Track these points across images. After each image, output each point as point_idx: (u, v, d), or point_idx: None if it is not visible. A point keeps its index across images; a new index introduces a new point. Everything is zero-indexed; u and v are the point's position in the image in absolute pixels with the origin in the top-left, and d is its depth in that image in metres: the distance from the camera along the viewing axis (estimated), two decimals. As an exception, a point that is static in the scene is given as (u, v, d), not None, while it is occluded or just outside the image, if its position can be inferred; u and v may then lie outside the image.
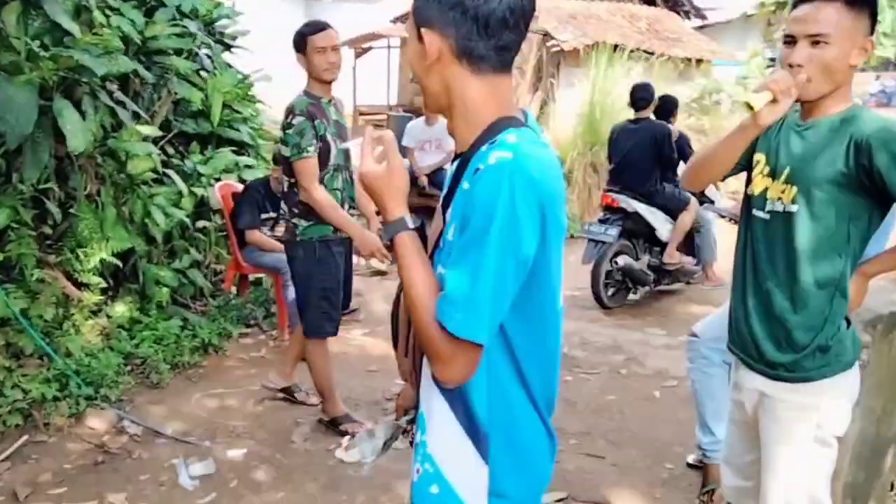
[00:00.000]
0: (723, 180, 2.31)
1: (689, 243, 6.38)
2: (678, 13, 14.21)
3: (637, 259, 6.11)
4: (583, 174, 8.98)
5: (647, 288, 6.33)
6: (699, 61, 12.30)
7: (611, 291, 6.13)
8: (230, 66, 6.19)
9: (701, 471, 3.32)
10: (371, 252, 3.42)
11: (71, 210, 4.17)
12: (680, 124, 10.58)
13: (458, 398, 1.28)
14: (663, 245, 6.19)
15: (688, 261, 6.36)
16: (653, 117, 6.16)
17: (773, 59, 14.64)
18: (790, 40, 1.90)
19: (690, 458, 3.45)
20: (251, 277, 5.40)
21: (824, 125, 1.91)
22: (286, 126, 3.35)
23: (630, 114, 6.31)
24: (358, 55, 14.25)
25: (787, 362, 1.98)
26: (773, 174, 1.99)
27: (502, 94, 1.28)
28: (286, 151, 3.36)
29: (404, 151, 7.85)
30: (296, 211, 3.43)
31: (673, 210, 6.13)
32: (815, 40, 1.83)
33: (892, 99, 31.15)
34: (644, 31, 12.56)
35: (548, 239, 1.21)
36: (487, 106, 1.27)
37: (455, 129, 1.33)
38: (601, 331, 5.33)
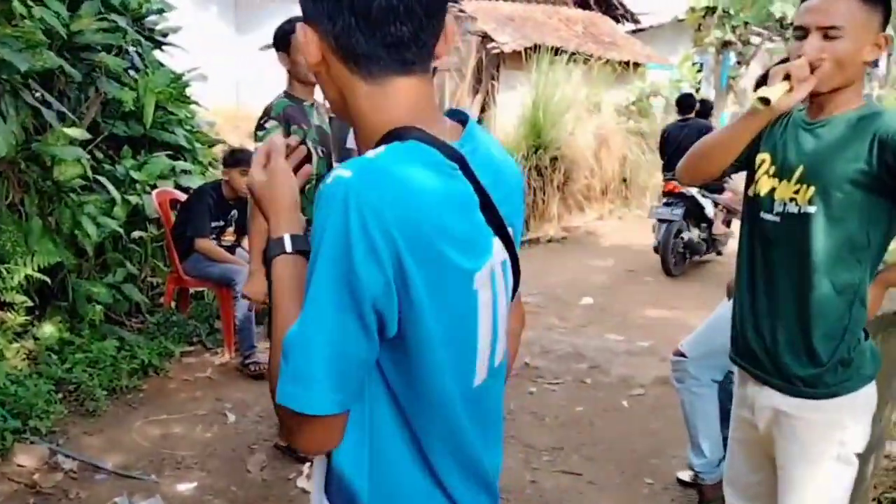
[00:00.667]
0: (720, 179, 2.17)
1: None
2: (612, 17, 14.34)
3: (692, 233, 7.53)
4: (528, 178, 8.87)
5: (698, 256, 7.79)
6: (635, 65, 12.42)
7: (674, 261, 7.44)
8: (162, 64, 5.79)
9: (693, 488, 3.19)
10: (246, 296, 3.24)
11: (-9, 221, 3.77)
12: (618, 127, 10.71)
13: (332, 468, 1.02)
14: (709, 221, 7.60)
15: (730, 231, 7.79)
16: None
17: (701, 64, 14.98)
18: (801, 33, 1.77)
19: (683, 475, 3.32)
20: (192, 291, 5.03)
21: (840, 122, 1.79)
22: (258, 128, 3.08)
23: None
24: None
25: (808, 377, 1.85)
26: (782, 174, 1.86)
27: (404, 100, 1.01)
28: None
29: (350, 153, 7.58)
30: None
31: (714, 191, 7.34)
32: (827, 33, 1.72)
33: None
34: (581, 35, 12.60)
35: (422, 285, 0.91)
36: (380, 115, 1.01)
37: (358, 144, 1.06)
38: (560, 338, 5.19)
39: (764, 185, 1.90)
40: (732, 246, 8.50)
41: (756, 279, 1.92)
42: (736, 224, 7.01)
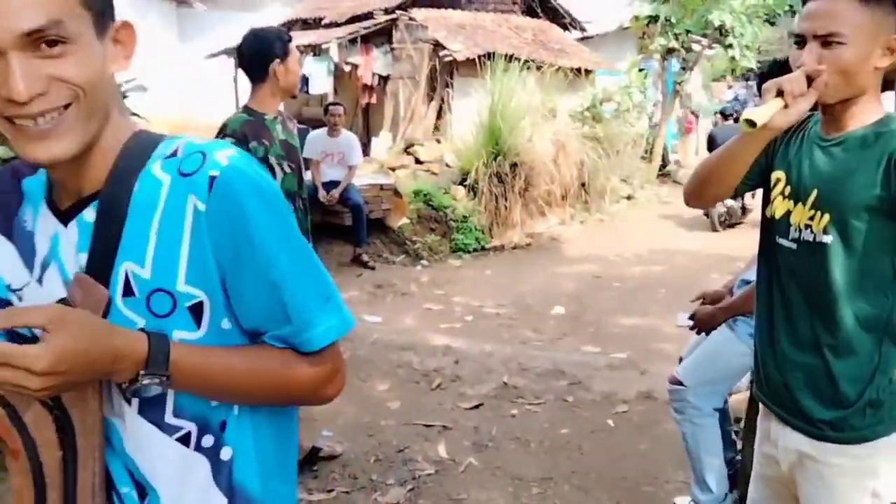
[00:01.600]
0: (734, 197, 1.90)
1: None
2: (559, 25, 14.20)
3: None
4: (489, 185, 8.59)
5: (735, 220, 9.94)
6: (587, 71, 12.28)
7: (718, 224, 9.75)
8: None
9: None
10: None
11: None
12: (574, 132, 10.53)
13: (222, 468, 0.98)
14: None
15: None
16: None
17: (647, 71, 14.97)
18: (800, 40, 1.54)
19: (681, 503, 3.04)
20: None
21: (855, 140, 1.56)
22: None
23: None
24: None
25: (833, 419, 1.61)
26: (797, 197, 1.63)
27: None
28: None
29: (307, 163, 7.17)
30: None
31: None
32: (827, 40, 1.49)
33: (746, 105, 33.26)
34: (530, 42, 12.41)
35: None
36: None
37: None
38: (537, 353, 4.91)
39: (779, 207, 1.67)
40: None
41: (774, 310, 1.69)
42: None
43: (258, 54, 2.76)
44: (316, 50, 11.41)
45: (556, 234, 9.27)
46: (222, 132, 2.72)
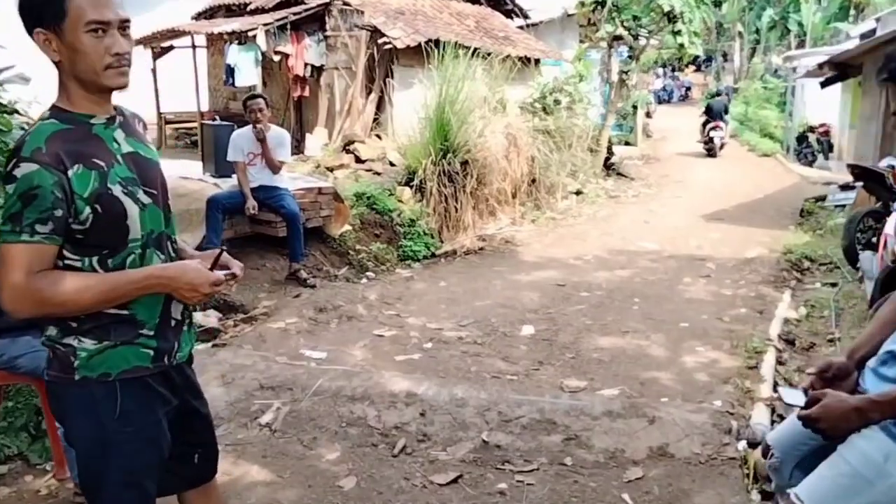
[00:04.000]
0: None
1: None
2: (501, 13, 13.30)
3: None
4: (438, 184, 7.60)
5: None
6: (535, 61, 11.43)
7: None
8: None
9: None
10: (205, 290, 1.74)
11: None
12: (525, 126, 9.65)
13: None
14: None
15: None
16: None
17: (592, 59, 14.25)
18: None
19: None
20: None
21: None
22: (4, 179, 1.59)
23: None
24: (157, 56, 11.88)
25: None
26: None
27: None
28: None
29: (233, 167, 6.02)
30: (71, 324, 1.68)
31: None
32: None
33: (672, 96, 33.30)
34: (474, 29, 11.47)
35: None
36: None
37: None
38: (518, 397, 3.95)
39: None
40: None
41: None
42: None
43: (23, 13, 1.63)
44: (241, 38, 10.16)
45: (508, 237, 8.36)
46: (15, 157, 1.57)
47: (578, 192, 10.78)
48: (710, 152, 16.55)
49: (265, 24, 9.91)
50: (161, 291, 1.70)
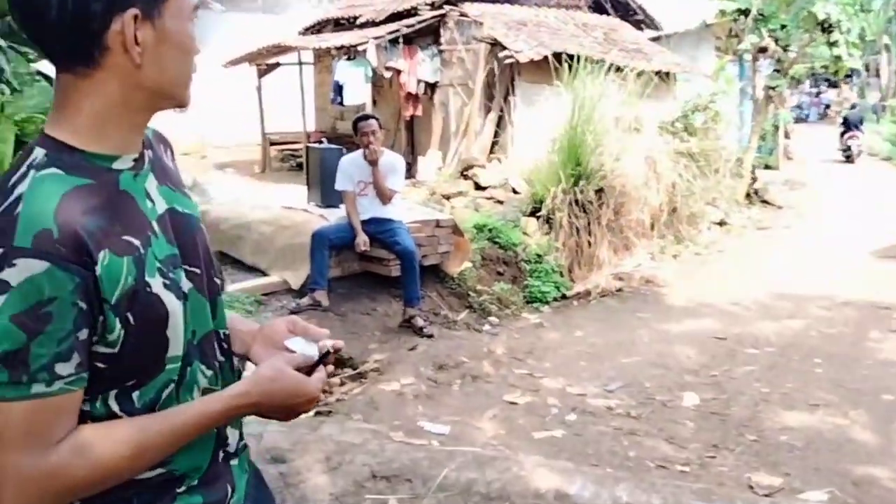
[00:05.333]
0: None
1: None
2: (630, 23, 12.42)
3: None
4: (569, 215, 6.82)
5: None
6: (667, 75, 10.49)
7: None
8: (44, 77, 3.70)
9: None
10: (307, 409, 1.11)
11: None
12: (666, 148, 8.73)
13: None
14: None
15: None
16: None
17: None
18: None
19: None
20: None
21: None
22: None
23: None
24: (262, 73, 11.73)
25: None
26: None
27: None
28: None
29: (341, 197, 5.48)
30: None
31: None
32: None
33: (809, 114, 31.12)
34: (602, 42, 10.65)
35: None
36: None
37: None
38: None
39: None
40: None
41: None
42: None
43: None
44: (350, 53, 9.78)
45: (649, 275, 7.44)
46: (1, 250, 0.88)
47: (722, 223, 9.71)
48: (849, 159, 17.73)
49: (376, 38, 9.49)
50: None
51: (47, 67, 3.63)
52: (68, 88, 0.97)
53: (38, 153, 0.96)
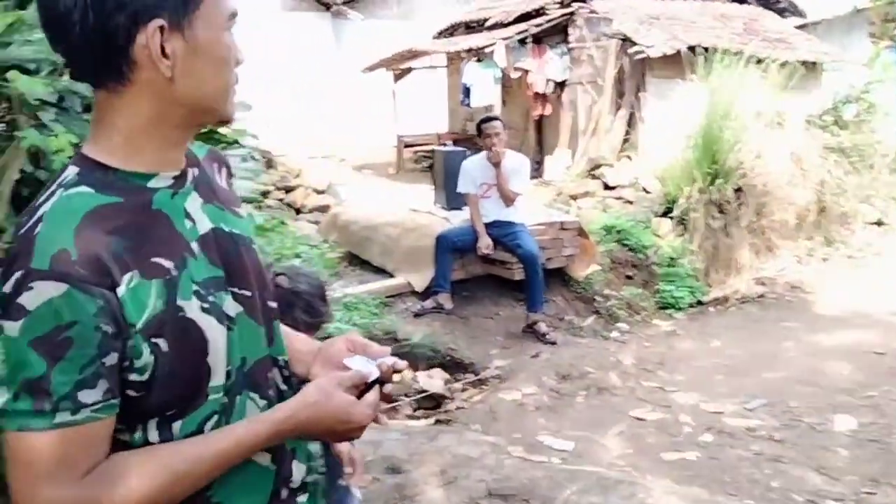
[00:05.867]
0: None
1: None
2: (773, 11, 11.46)
3: None
4: (705, 216, 6.31)
5: None
6: (814, 65, 9.56)
7: None
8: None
9: None
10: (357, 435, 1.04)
11: None
12: (814, 143, 7.93)
13: None
14: None
15: None
16: None
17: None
18: None
19: None
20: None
21: None
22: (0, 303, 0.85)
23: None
24: (397, 77, 11.83)
25: None
26: None
27: None
28: None
29: (464, 200, 5.32)
30: None
31: None
32: None
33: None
34: (742, 33, 9.86)
35: None
36: None
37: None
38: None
39: None
40: None
41: None
42: None
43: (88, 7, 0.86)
44: (479, 55, 9.62)
45: (794, 281, 6.75)
46: (19, 272, 0.83)
47: (879, 223, 8.70)
48: None
49: (504, 39, 9.27)
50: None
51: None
52: (103, 106, 0.93)
53: (70, 172, 0.91)
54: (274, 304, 1.08)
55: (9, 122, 2.59)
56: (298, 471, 1.06)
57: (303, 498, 1.08)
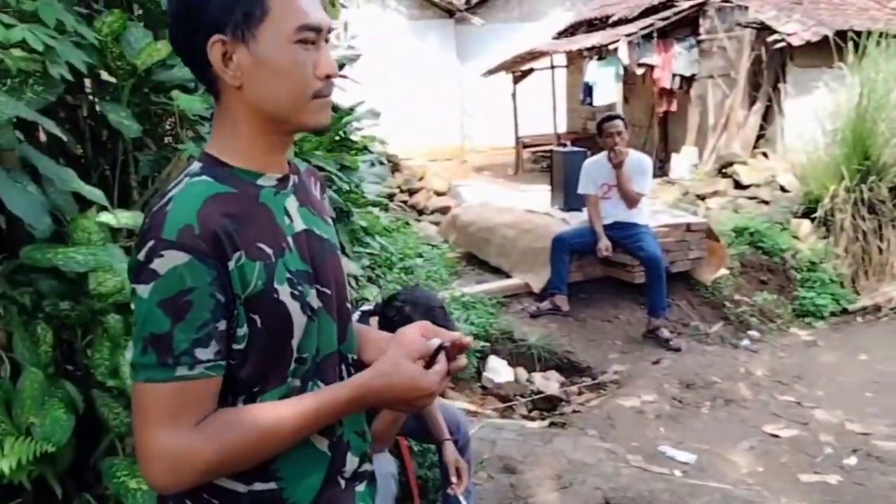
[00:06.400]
0: None
1: None
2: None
3: None
4: (853, 216, 5.77)
5: None
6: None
7: None
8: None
9: None
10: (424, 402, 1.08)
11: None
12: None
13: None
14: None
15: None
16: None
17: None
18: None
19: None
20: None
21: None
22: (134, 271, 0.99)
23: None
24: (517, 79, 11.72)
25: None
26: None
27: None
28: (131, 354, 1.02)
29: (583, 200, 5.15)
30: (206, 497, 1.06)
31: None
32: None
33: None
34: (898, 13, 8.99)
35: None
36: None
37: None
38: None
39: None
40: None
41: None
42: None
43: (191, 14, 1.02)
44: (601, 52, 9.33)
45: (958, 288, 6.04)
46: (151, 242, 0.96)
47: None
48: None
49: (628, 35, 8.93)
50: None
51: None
52: (216, 112, 1.07)
53: (196, 165, 1.05)
54: (349, 306, 1.17)
55: (174, 136, 2.77)
56: (352, 463, 1.15)
57: (360, 487, 1.17)
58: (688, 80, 9.10)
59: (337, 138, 3.84)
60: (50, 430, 1.89)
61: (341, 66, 4.44)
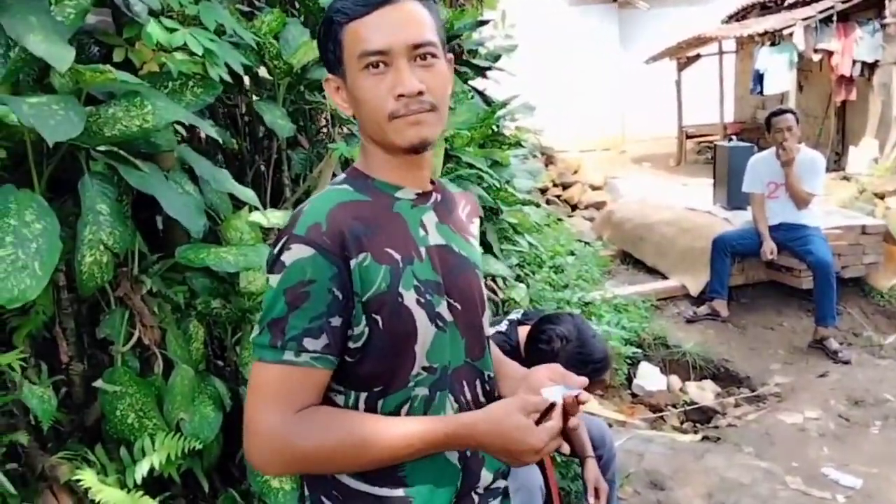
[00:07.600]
0: None
1: None
2: None
3: None
4: None
5: None
6: None
7: None
8: (476, 93, 3.92)
9: None
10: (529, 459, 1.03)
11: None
12: None
13: None
14: None
15: None
16: None
17: None
18: None
19: None
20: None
21: None
22: (270, 264, 1.08)
23: None
24: (682, 66, 11.14)
25: None
26: None
27: None
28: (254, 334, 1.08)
29: (747, 198, 4.85)
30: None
31: None
32: None
33: None
34: None
35: None
36: None
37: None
38: None
39: None
40: None
41: None
42: None
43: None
44: (774, 38, 8.64)
45: None
46: (286, 237, 1.06)
47: None
48: None
49: (804, 19, 8.20)
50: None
51: (481, 84, 3.88)
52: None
53: (341, 176, 1.15)
54: (486, 324, 1.19)
55: (326, 134, 2.94)
56: (485, 478, 1.14)
57: (495, 502, 1.18)
58: (870, 67, 8.21)
59: (490, 132, 3.86)
60: (198, 426, 2.01)
61: (497, 58, 4.47)
